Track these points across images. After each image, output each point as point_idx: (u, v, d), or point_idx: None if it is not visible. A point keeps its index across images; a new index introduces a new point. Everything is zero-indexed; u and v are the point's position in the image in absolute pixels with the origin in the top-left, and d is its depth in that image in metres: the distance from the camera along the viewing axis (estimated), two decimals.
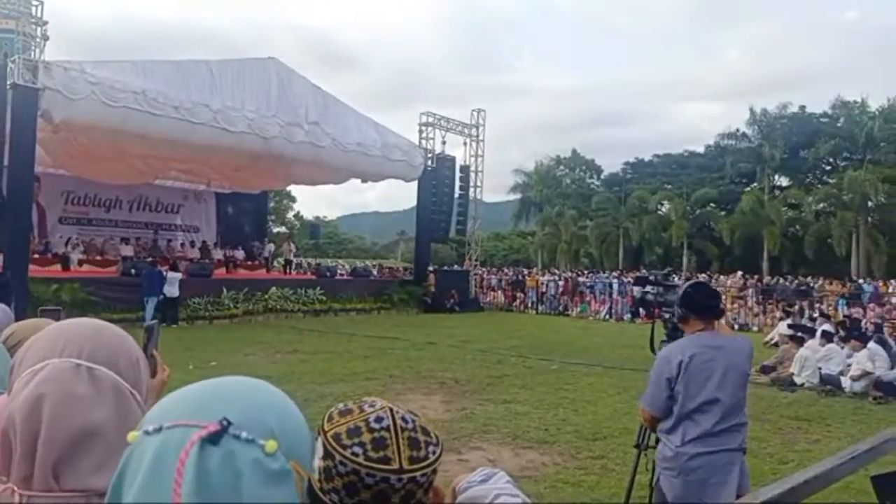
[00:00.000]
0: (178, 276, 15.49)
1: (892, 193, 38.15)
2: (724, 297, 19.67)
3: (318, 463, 0.86)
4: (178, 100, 14.77)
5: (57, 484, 0.79)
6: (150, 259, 18.04)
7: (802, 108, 46.40)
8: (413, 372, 10.01)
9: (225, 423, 0.56)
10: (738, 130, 47.29)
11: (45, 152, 15.46)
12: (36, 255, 16.47)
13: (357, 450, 0.84)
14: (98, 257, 18.98)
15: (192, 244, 22.59)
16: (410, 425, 0.88)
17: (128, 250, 19.59)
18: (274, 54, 17.43)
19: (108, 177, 19.30)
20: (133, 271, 15.97)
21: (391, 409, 0.89)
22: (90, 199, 21.55)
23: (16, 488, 0.79)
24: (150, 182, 21.42)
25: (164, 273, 15.24)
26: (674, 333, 3.06)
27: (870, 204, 39.61)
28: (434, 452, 0.88)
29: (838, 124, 44.31)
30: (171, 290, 15.01)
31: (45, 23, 14.42)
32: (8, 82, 13.08)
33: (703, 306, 2.91)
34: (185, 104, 14.90)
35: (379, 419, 0.87)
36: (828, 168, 45.76)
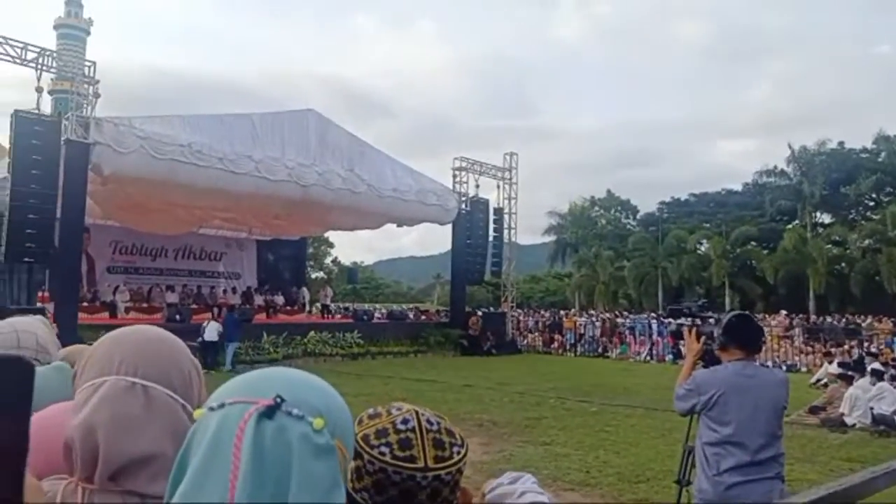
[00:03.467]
0: (218, 324, 15.93)
1: None
2: (769, 337, 19.18)
3: (349, 464, 0.93)
4: (222, 151, 15.36)
5: (116, 485, 0.86)
6: (194, 306, 18.48)
7: (841, 143, 45.70)
8: (451, 414, 9.86)
9: (278, 399, 0.63)
10: (776, 167, 46.69)
11: (95, 204, 16.13)
12: (84, 304, 17.03)
13: (384, 449, 0.90)
14: (144, 304, 19.51)
15: (234, 290, 23.06)
16: (435, 427, 0.94)
17: (173, 297, 20.09)
18: (310, 106, 18.01)
19: (155, 227, 19.98)
20: (178, 317, 16.37)
21: (416, 412, 0.95)
22: (137, 248, 22.28)
23: (80, 483, 0.87)
24: (195, 231, 22.09)
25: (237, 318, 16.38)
26: (711, 361, 3.08)
27: None
28: (458, 452, 0.93)
29: (879, 159, 43.44)
30: (212, 336, 15.35)
31: (97, 82, 15.20)
32: (62, 138, 13.77)
33: (745, 337, 2.96)
34: (229, 155, 15.48)
35: (405, 421, 0.93)
36: (871, 204, 44.67)
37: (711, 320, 3.22)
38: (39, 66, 14.68)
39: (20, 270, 18.66)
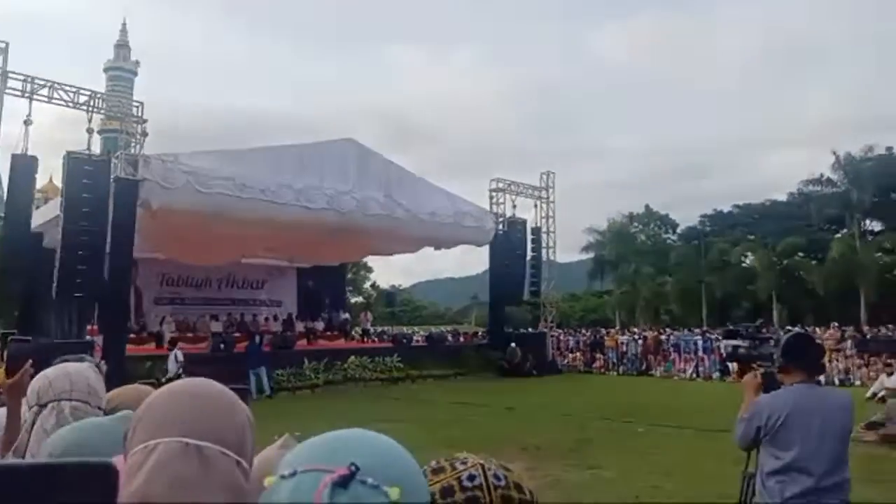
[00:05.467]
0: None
1: None
2: None
3: None
4: (264, 183, 15.75)
5: None
6: (237, 334, 18.78)
7: (889, 149, 44.24)
8: (494, 438, 9.87)
9: (353, 468, 0.60)
10: (822, 176, 45.30)
11: (143, 238, 16.60)
12: (132, 335, 17.47)
13: None
14: (190, 334, 19.89)
15: (276, 318, 23.37)
16: (503, 482, 0.89)
17: (217, 326, 20.45)
18: (352, 134, 18.41)
19: (201, 258, 20.45)
20: (222, 346, 16.65)
21: (482, 466, 0.91)
22: (183, 279, 22.78)
23: None
24: (238, 260, 22.53)
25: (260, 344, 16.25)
26: (771, 385, 2.99)
27: None
28: None
29: None
30: (173, 368, 15.40)
31: (145, 121, 15.78)
32: (112, 177, 14.30)
33: (807, 358, 2.87)
34: (271, 187, 15.86)
35: (471, 477, 0.89)
36: None
37: (771, 341, 3.11)
38: (90, 109, 15.32)
39: (70, 304, 19.29)
